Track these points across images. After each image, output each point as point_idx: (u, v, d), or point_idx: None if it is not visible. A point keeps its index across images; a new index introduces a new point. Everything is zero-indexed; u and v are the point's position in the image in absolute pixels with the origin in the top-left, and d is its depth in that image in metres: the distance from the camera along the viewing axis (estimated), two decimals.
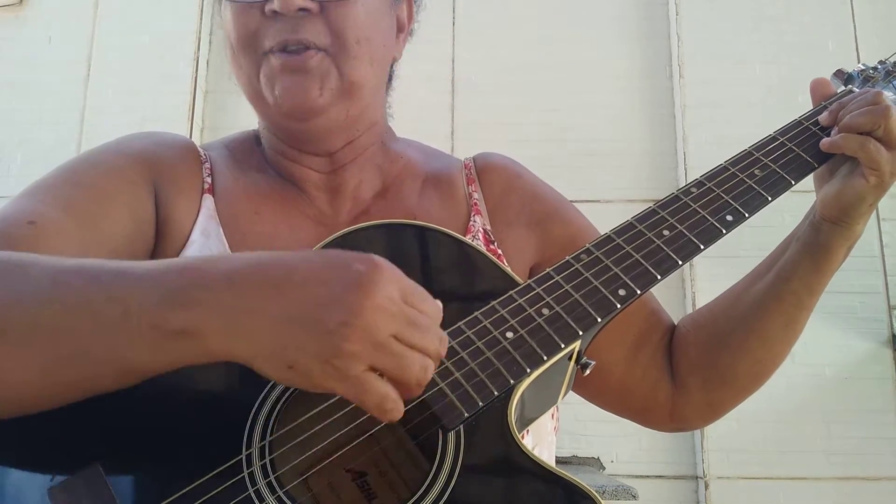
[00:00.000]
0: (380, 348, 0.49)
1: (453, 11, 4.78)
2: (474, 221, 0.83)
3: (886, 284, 4.21)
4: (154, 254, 0.75)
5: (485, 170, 0.89)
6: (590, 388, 0.86)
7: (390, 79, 0.88)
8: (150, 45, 4.77)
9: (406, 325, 0.50)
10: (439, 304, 0.55)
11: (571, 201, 0.92)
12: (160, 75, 4.69)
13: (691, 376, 0.84)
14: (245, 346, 0.49)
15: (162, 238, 0.76)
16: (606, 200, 4.38)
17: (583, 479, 0.59)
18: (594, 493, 0.57)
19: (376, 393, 0.49)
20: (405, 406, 0.52)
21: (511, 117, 4.60)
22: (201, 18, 4.85)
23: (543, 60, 4.71)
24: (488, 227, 0.84)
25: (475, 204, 0.85)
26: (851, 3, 4.60)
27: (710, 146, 4.41)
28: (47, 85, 4.77)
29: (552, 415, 0.80)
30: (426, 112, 4.39)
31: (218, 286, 0.50)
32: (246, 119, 0.88)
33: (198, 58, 4.79)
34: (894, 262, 4.22)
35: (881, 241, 4.24)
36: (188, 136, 0.86)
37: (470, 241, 0.72)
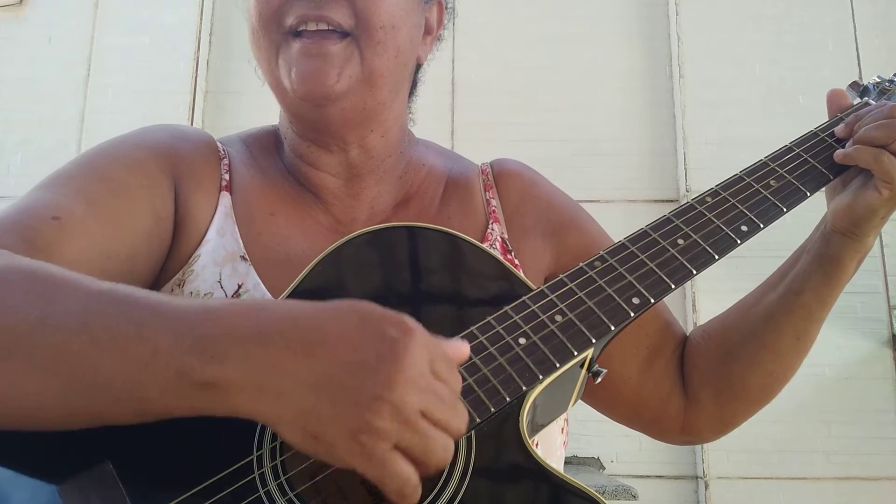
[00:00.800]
0: (408, 426, 0.47)
1: (453, 11, 4.78)
2: (492, 229, 0.82)
3: (886, 284, 4.22)
4: (171, 251, 0.74)
5: (502, 176, 0.88)
6: (602, 400, 0.86)
7: (415, 85, 0.87)
8: (150, 45, 4.77)
9: (434, 401, 0.48)
10: (458, 377, 0.53)
11: None
12: (160, 75, 4.70)
13: (703, 389, 0.84)
14: (270, 409, 0.47)
15: (179, 235, 0.75)
16: (606, 200, 4.39)
17: (583, 479, 0.59)
18: (602, 499, 0.57)
19: (400, 476, 0.47)
20: None
21: (511, 117, 4.61)
22: (201, 18, 4.85)
23: (543, 60, 4.71)
24: (506, 236, 0.83)
25: (493, 211, 0.84)
26: (851, 3, 4.60)
27: (710, 146, 4.42)
28: (47, 85, 4.77)
29: (562, 429, 0.80)
30: (426, 112, 4.36)
31: (249, 341, 0.48)
32: (246, 119, 0.87)
33: (198, 58, 4.78)
34: (894, 262, 4.23)
35: (881, 241, 4.24)
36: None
37: (483, 245, 0.71)
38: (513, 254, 0.82)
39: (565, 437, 0.82)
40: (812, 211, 0.81)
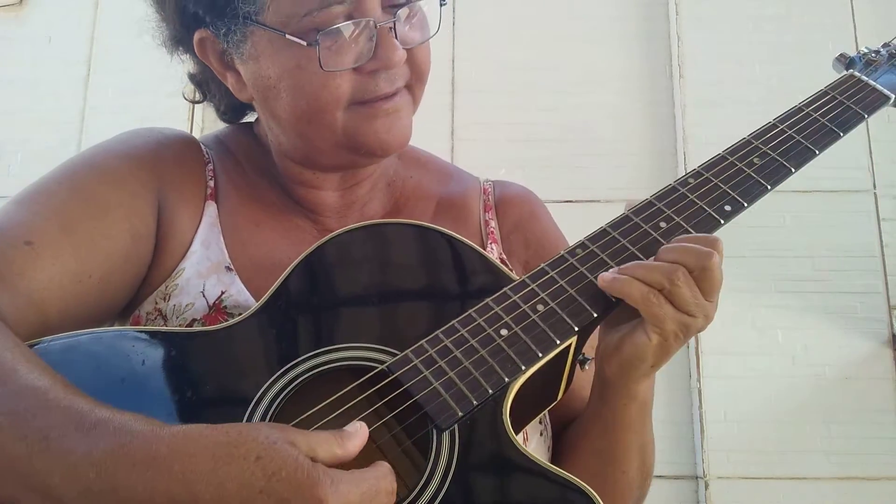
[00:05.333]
0: None
1: (453, 11, 4.77)
2: (491, 250, 0.82)
3: (886, 284, 4.20)
4: (154, 263, 0.74)
5: (503, 201, 0.88)
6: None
7: None
8: (150, 45, 4.76)
9: None
10: None
11: (571, 201, 0.91)
12: (160, 75, 4.68)
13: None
14: None
15: (163, 247, 0.75)
16: (606, 200, 4.38)
17: None
18: (590, 489, 0.57)
19: None
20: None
21: (511, 117, 4.60)
22: None
23: (543, 60, 4.70)
24: (504, 257, 0.83)
25: (491, 232, 0.84)
26: (851, 4, 4.59)
27: (710, 146, 4.34)
28: (47, 85, 4.77)
29: (540, 433, 0.78)
30: (426, 112, 4.35)
31: None
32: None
33: None
34: (894, 262, 4.21)
35: (881, 241, 4.23)
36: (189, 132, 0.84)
37: (463, 238, 0.71)
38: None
39: (543, 427, 0.81)
40: (812, 211, 0.80)
